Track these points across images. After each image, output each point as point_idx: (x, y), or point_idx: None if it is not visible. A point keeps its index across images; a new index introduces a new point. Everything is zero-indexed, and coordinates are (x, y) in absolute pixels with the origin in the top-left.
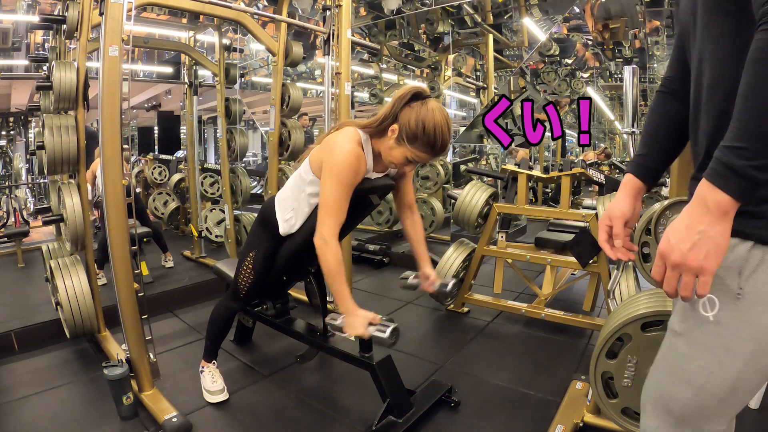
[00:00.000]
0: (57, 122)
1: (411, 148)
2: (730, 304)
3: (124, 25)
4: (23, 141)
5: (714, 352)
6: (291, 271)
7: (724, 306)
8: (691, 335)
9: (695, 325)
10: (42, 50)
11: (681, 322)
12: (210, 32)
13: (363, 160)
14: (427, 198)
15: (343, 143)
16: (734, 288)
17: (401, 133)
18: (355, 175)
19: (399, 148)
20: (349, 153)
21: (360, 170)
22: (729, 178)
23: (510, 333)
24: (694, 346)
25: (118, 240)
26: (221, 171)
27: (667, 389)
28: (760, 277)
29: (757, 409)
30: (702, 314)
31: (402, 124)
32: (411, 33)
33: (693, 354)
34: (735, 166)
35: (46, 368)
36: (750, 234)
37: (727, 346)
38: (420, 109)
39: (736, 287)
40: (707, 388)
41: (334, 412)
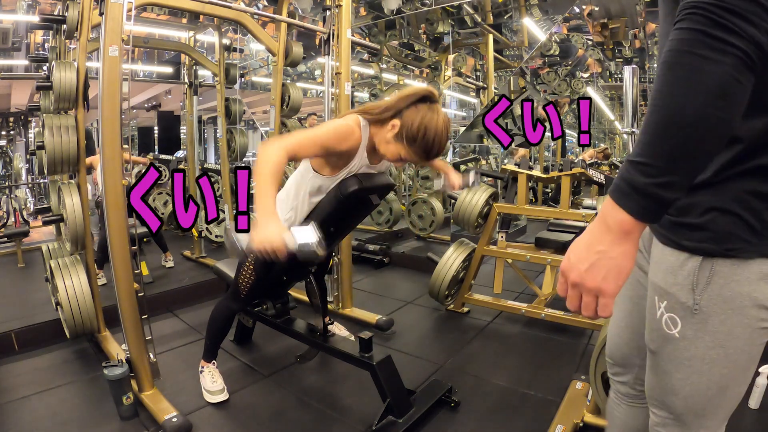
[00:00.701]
0: (57, 122)
1: (407, 148)
2: (690, 319)
3: (124, 25)
4: (23, 141)
5: (689, 364)
6: (291, 271)
7: (685, 322)
8: (663, 352)
9: (664, 344)
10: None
11: (651, 340)
12: (210, 32)
13: (356, 138)
14: (427, 198)
15: (342, 117)
16: (690, 304)
17: (401, 132)
18: (340, 137)
19: (395, 144)
20: (345, 121)
21: (348, 141)
22: (630, 196)
23: (510, 333)
24: (669, 362)
25: (118, 240)
26: (221, 171)
27: (661, 397)
28: (713, 290)
29: (757, 409)
30: (666, 332)
31: (404, 123)
32: (411, 33)
33: (670, 369)
34: (637, 184)
35: (46, 368)
36: (696, 249)
37: (700, 357)
38: (426, 113)
39: (692, 303)
40: (695, 395)
41: (334, 412)
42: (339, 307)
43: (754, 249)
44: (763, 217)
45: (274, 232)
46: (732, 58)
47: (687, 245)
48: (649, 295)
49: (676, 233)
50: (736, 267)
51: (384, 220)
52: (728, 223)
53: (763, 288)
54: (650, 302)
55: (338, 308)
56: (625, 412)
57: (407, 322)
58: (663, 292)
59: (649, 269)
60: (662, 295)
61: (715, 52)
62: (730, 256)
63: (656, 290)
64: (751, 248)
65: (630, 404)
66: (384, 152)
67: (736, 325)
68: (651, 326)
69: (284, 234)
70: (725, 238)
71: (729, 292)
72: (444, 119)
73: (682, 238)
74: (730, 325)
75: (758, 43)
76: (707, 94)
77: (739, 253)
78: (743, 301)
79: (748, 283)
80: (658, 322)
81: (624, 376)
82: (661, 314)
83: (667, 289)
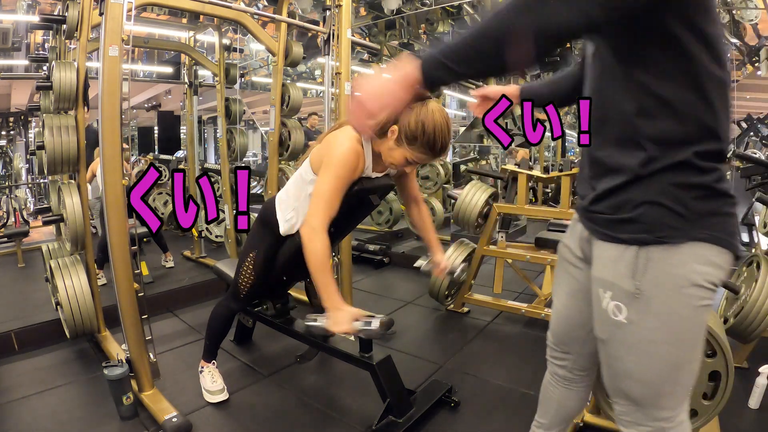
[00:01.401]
0: (57, 122)
1: (410, 149)
2: (634, 303)
3: (124, 25)
4: (23, 141)
5: (639, 347)
6: (291, 271)
7: (630, 307)
8: (614, 340)
9: (614, 331)
10: (42, 50)
11: (601, 331)
12: (210, 32)
13: (362, 157)
14: (427, 198)
15: (342, 140)
16: (632, 290)
17: (401, 135)
18: (351, 170)
19: (399, 149)
20: (348, 149)
21: (358, 167)
22: (426, 65)
23: (510, 333)
24: (621, 347)
25: (118, 240)
26: (221, 171)
27: (620, 386)
28: (651, 274)
29: (757, 409)
30: (614, 320)
31: (402, 125)
32: (411, 33)
33: (622, 354)
34: (436, 63)
35: (46, 368)
36: (631, 239)
37: (648, 339)
38: (420, 110)
39: (634, 288)
40: (649, 377)
41: (334, 412)
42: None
43: (683, 234)
44: (687, 204)
45: (346, 320)
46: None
47: (623, 238)
48: (594, 290)
49: (613, 229)
50: (669, 251)
51: (384, 220)
52: (658, 214)
53: (698, 269)
54: (596, 296)
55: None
56: (561, 394)
57: (407, 322)
58: (607, 283)
59: (593, 267)
60: (606, 286)
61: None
62: (662, 242)
63: (600, 283)
64: (680, 233)
65: (566, 387)
66: (391, 161)
67: (677, 304)
68: (599, 318)
69: (354, 324)
70: (656, 227)
71: (666, 275)
72: (440, 112)
73: (619, 232)
74: (671, 306)
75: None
76: (509, 11)
77: (670, 238)
78: (680, 282)
79: (683, 266)
80: (605, 312)
81: (563, 361)
82: (607, 304)
83: (610, 280)
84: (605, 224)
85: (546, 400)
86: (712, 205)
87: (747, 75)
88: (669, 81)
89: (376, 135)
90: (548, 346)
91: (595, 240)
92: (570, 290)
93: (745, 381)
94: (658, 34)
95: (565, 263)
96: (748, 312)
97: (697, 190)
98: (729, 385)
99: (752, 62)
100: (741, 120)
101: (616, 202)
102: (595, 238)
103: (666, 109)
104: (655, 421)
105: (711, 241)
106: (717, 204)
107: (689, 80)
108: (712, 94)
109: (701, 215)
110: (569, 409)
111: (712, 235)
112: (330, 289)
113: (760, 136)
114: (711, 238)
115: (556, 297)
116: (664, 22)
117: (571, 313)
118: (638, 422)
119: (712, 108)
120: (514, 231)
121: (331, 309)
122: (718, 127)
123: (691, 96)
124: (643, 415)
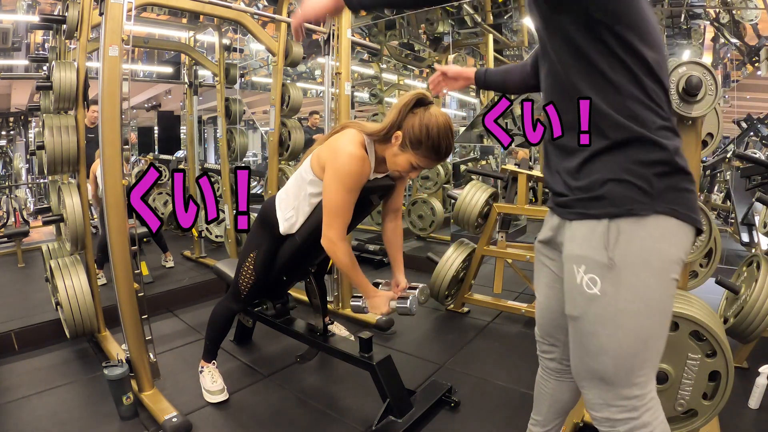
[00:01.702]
0: (57, 122)
1: (415, 154)
2: (608, 274)
3: (124, 25)
4: (23, 141)
5: (611, 321)
6: (291, 271)
7: (604, 279)
8: (587, 315)
9: (587, 305)
10: (42, 50)
11: (574, 307)
12: (210, 32)
13: (367, 162)
14: (427, 198)
15: (347, 146)
16: (606, 261)
17: (405, 140)
18: (359, 178)
19: (403, 154)
20: (354, 156)
21: (364, 173)
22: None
23: (510, 333)
24: (594, 322)
25: (118, 240)
26: (221, 171)
27: (592, 365)
28: (622, 245)
29: (757, 409)
30: (588, 293)
31: (406, 131)
32: (411, 33)
33: (596, 329)
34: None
35: (46, 368)
36: (600, 214)
37: (622, 311)
38: (423, 115)
39: (607, 259)
40: (622, 350)
41: (334, 412)
42: (339, 307)
43: (648, 207)
44: (650, 180)
45: (383, 303)
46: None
47: (594, 213)
48: (567, 268)
49: (584, 207)
50: (637, 224)
51: None
52: (623, 189)
53: (663, 240)
54: (569, 274)
55: (338, 308)
56: (553, 386)
57: (407, 322)
58: (580, 258)
59: (565, 248)
60: (580, 261)
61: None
62: (630, 215)
63: (574, 259)
64: (646, 207)
65: (558, 379)
66: (395, 166)
67: (648, 276)
68: (572, 295)
69: (390, 303)
70: (623, 201)
71: (636, 246)
72: (443, 116)
73: (589, 209)
74: (643, 277)
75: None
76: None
77: (637, 211)
78: (650, 254)
79: (651, 238)
80: (579, 287)
81: (552, 354)
82: (581, 279)
83: (583, 255)
84: (576, 204)
85: (540, 396)
86: (671, 181)
87: (747, 75)
88: (608, 66)
89: (380, 140)
90: (537, 341)
91: (568, 223)
92: (548, 281)
93: (745, 381)
94: (583, 23)
95: (540, 257)
96: (748, 312)
97: (657, 166)
98: (729, 385)
99: (752, 62)
100: (741, 120)
101: (586, 183)
102: (567, 222)
103: (612, 92)
104: (626, 400)
105: (672, 214)
106: (676, 180)
107: (624, 65)
108: (647, 75)
109: (662, 190)
110: (563, 403)
111: (672, 209)
112: (363, 284)
113: (760, 136)
114: (671, 212)
115: (538, 291)
116: (586, 13)
117: (551, 303)
118: (610, 403)
119: (645, 88)
120: (514, 231)
121: (368, 297)
122: (660, 104)
123: (630, 78)
124: (615, 395)
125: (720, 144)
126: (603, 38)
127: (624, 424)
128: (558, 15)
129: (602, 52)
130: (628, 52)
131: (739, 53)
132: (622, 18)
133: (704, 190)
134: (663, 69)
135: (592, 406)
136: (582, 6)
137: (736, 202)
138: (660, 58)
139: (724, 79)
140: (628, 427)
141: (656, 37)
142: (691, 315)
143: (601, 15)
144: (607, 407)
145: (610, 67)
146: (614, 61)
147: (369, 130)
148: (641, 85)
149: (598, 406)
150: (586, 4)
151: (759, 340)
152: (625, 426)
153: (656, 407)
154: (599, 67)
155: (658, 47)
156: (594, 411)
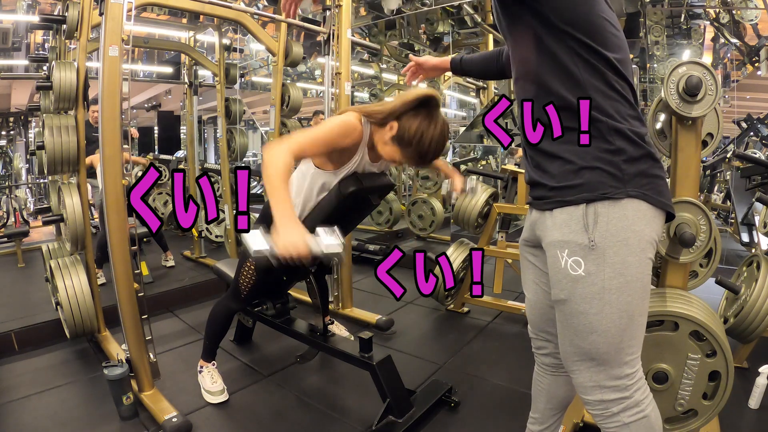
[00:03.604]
0: (57, 122)
1: (401, 152)
2: (590, 255)
3: (124, 25)
4: (23, 141)
5: (598, 298)
6: (291, 270)
7: (587, 260)
8: (574, 296)
9: (573, 286)
10: (42, 50)
11: (561, 290)
12: (210, 32)
13: (358, 133)
14: (427, 198)
15: (343, 114)
16: (587, 242)
17: (398, 135)
18: (343, 135)
19: (392, 146)
20: (346, 118)
21: (351, 136)
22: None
23: (510, 333)
24: (581, 302)
25: (118, 240)
26: (221, 171)
27: (583, 346)
28: (601, 227)
29: (757, 409)
30: (573, 275)
31: (401, 127)
32: (411, 33)
33: (584, 309)
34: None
35: (46, 368)
36: (577, 200)
37: (606, 288)
38: (423, 119)
39: (588, 241)
40: (611, 328)
41: (334, 412)
42: (339, 307)
43: (621, 191)
44: (620, 166)
45: (299, 237)
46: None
47: (571, 199)
48: (551, 254)
49: (561, 195)
50: (613, 206)
51: (384, 220)
52: (596, 176)
53: (639, 222)
54: (553, 260)
55: (338, 308)
56: (549, 382)
57: (407, 322)
58: (562, 243)
59: (546, 237)
60: (563, 246)
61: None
62: (605, 198)
63: (556, 245)
64: (619, 191)
65: (553, 374)
66: (381, 152)
67: (627, 255)
68: (557, 279)
69: (308, 239)
70: (597, 187)
71: (613, 227)
72: (442, 126)
73: (566, 196)
74: (623, 255)
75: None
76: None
77: (611, 195)
78: (627, 234)
79: (627, 219)
80: (564, 270)
81: (546, 349)
82: (565, 262)
83: (565, 239)
84: (553, 194)
85: (536, 393)
86: (640, 166)
87: (747, 75)
88: (572, 63)
89: (377, 124)
90: (531, 338)
91: (548, 213)
92: (534, 278)
93: (745, 381)
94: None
95: (525, 254)
96: (748, 312)
97: (624, 153)
98: (729, 385)
99: (752, 62)
100: (741, 120)
101: (561, 171)
102: (547, 213)
103: (578, 86)
104: (618, 379)
105: (643, 198)
106: (644, 165)
107: (588, 63)
108: (610, 70)
109: (632, 175)
110: (560, 398)
111: (642, 193)
112: (283, 204)
113: (760, 136)
114: (643, 195)
115: (526, 288)
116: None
117: (539, 298)
118: (602, 384)
119: (609, 81)
120: (514, 231)
121: (280, 224)
122: (626, 96)
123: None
124: (607, 375)
125: (720, 144)
126: (566, 42)
127: (617, 404)
128: (525, 16)
129: (567, 51)
130: (589, 52)
131: (739, 53)
132: (579, 28)
133: (704, 190)
134: (627, 66)
135: (584, 389)
136: (543, 13)
137: (736, 202)
138: (622, 57)
139: (724, 79)
140: (622, 406)
141: (616, 41)
142: (691, 315)
143: (560, 23)
144: (600, 389)
145: (574, 64)
146: (578, 59)
147: (367, 111)
148: (604, 79)
149: (590, 389)
150: (546, 13)
151: (759, 340)
152: (618, 406)
153: (645, 386)
154: (565, 64)
155: (620, 48)
156: (586, 395)
